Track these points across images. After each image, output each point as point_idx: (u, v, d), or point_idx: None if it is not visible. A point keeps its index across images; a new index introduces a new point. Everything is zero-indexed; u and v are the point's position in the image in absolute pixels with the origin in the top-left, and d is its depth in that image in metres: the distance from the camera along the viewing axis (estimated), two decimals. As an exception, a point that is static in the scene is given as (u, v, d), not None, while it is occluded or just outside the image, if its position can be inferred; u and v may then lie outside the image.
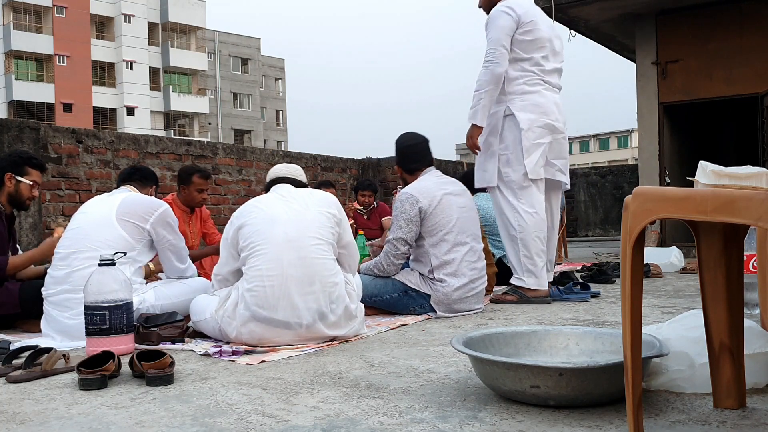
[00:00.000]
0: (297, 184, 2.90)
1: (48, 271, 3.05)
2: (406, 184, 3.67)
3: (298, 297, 2.55)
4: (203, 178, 4.55)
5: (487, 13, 3.85)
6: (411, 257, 3.51)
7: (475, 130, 3.66)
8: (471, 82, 3.77)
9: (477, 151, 3.74)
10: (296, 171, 2.96)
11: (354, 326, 2.73)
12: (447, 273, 3.31)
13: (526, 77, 3.70)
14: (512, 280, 3.75)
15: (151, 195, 3.37)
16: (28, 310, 3.17)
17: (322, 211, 2.74)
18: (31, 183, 3.40)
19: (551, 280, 3.90)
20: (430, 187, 3.43)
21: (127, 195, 3.13)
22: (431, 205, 3.35)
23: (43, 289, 3.00)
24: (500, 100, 3.72)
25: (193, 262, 3.50)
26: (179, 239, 3.17)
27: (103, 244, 2.90)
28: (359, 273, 3.31)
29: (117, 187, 3.34)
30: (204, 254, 4.41)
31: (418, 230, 3.36)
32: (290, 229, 2.62)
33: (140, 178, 3.38)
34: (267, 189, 2.93)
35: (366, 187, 6.66)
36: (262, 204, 2.75)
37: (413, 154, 3.61)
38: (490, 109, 3.68)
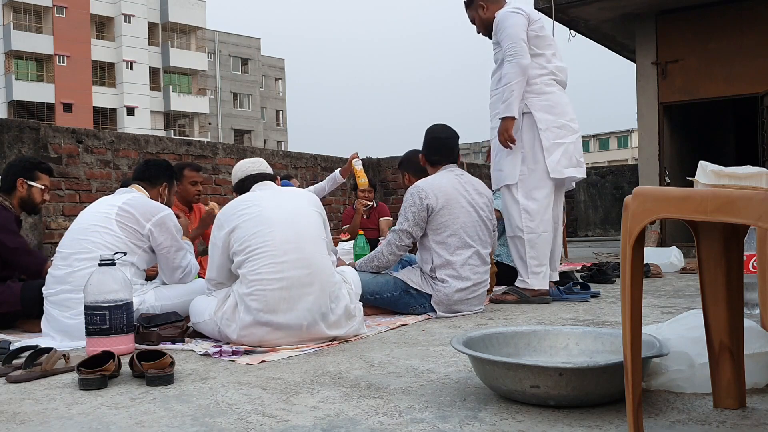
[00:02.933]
0: (269, 178, 2.89)
1: (49, 270, 3.05)
2: (410, 180, 3.68)
3: (300, 299, 2.54)
4: (194, 170, 4.55)
5: (488, 35, 3.91)
6: (418, 250, 3.50)
7: (510, 123, 3.63)
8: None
9: (512, 145, 3.67)
10: (262, 165, 2.92)
11: (353, 325, 2.72)
12: (449, 274, 3.30)
13: (542, 76, 3.72)
14: (517, 282, 3.74)
15: (162, 193, 3.34)
16: (29, 309, 3.17)
17: (312, 210, 2.74)
18: (42, 187, 3.49)
19: (556, 279, 3.91)
20: (443, 184, 3.40)
21: (130, 197, 3.09)
22: (439, 203, 3.33)
23: (43, 288, 3.01)
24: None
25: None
26: (179, 247, 3.11)
27: (102, 246, 2.89)
28: (358, 269, 3.32)
29: (125, 186, 3.31)
30: (196, 235, 4.34)
31: (425, 225, 3.36)
32: (287, 230, 2.60)
33: (149, 177, 3.34)
34: (238, 188, 2.89)
35: None
36: (250, 204, 2.69)
37: (438, 147, 3.58)
38: (521, 101, 3.67)
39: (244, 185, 2.87)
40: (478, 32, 3.98)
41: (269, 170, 2.94)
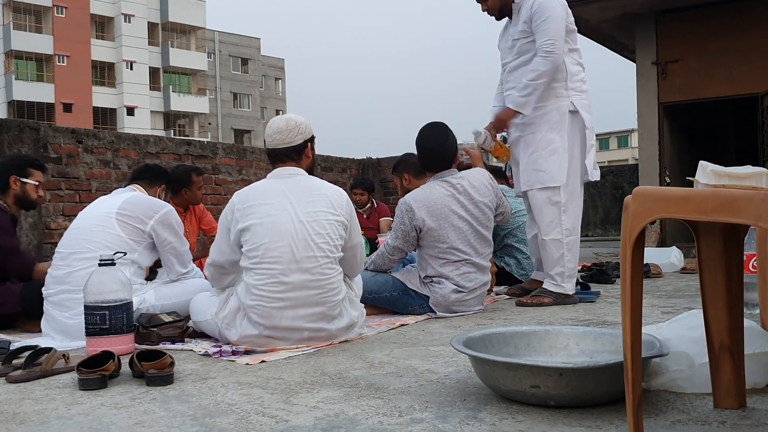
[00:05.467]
0: (297, 151, 2.68)
1: (48, 270, 3.05)
2: (409, 181, 3.64)
3: (302, 317, 2.52)
4: (200, 174, 4.72)
5: (497, 16, 3.74)
6: (417, 253, 3.48)
7: (513, 116, 3.51)
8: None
9: (506, 131, 3.56)
10: (288, 136, 2.66)
11: (354, 330, 2.72)
12: (446, 279, 3.31)
13: (581, 74, 3.61)
14: (547, 286, 3.58)
15: (159, 194, 3.36)
16: (29, 310, 3.17)
17: (330, 219, 2.58)
18: (36, 183, 3.47)
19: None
20: (432, 200, 3.29)
21: (130, 195, 3.11)
22: (427, 223, 3.25)
23: (43, 288, 3.00)
24: (561, 95, 3.55)
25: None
26: (182, 242, 3.14)
27: (102, 245, 2.89)
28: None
29: (125, 186, 3.33)
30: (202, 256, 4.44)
31: (415, 242, 3.34)
32: (298, 246, 2.50)
33: (148, 177, 3.36)
34: (269, 155, 2.73)
35: (358, 185, 6.65)
36: (263, 202, 2.57)
37: (424, 157, 3.43)
38: (560, 99, 3.54)
39: (270, 159, 2.72)
40: (485, 11, 3.74)
41: (297, 139, 2.67)
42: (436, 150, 3.39)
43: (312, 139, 2.75)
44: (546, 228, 3.57)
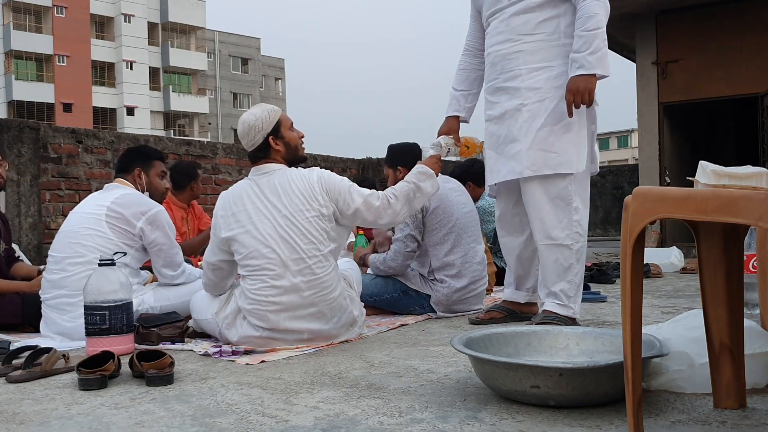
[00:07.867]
0: (263, 150, 2.67)
1: (44, 274, 3.03)
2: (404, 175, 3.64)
3: (300, 318, 2.52)
4: (199, 167, 4.84)
5: None
6: None
7: (593, 81, 2.62)
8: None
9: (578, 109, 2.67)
10: (250, 135, 2.67)
11: (355, 330, 2.72)
12: (447, 274, 3.30)
13: None
14: (552, 308, 2.77)
15: (138, 179, 3.18)
16: (28, 321, 3.15)
17: (308, 216, 2.53)
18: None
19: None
20: None
21: (119, 195, 3.00)
22: (432, 202, 3.30)
23: (40, 291, 2.99)
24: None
25: (190, 254, 3.50)
26: (171, 245, 3.04)
27: (93, 250, 2.86)
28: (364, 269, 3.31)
29: (114, 177, 3.21)
30: (198, 244, 4.42)
31: (422, 225, 3.34)
32: (284, 250, 2.49)
33: (123, 167, 3.15)
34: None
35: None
36: (245, 211, 2.57)
37: (416, 154, 3.53)
38: None
39: (250, 158, 2.73)
40: None
41: (258, 138, 2.64)
42: (417, 146, 3.57)
43: (275, 129, 2.66)
44: (550, 229, 2.75)
